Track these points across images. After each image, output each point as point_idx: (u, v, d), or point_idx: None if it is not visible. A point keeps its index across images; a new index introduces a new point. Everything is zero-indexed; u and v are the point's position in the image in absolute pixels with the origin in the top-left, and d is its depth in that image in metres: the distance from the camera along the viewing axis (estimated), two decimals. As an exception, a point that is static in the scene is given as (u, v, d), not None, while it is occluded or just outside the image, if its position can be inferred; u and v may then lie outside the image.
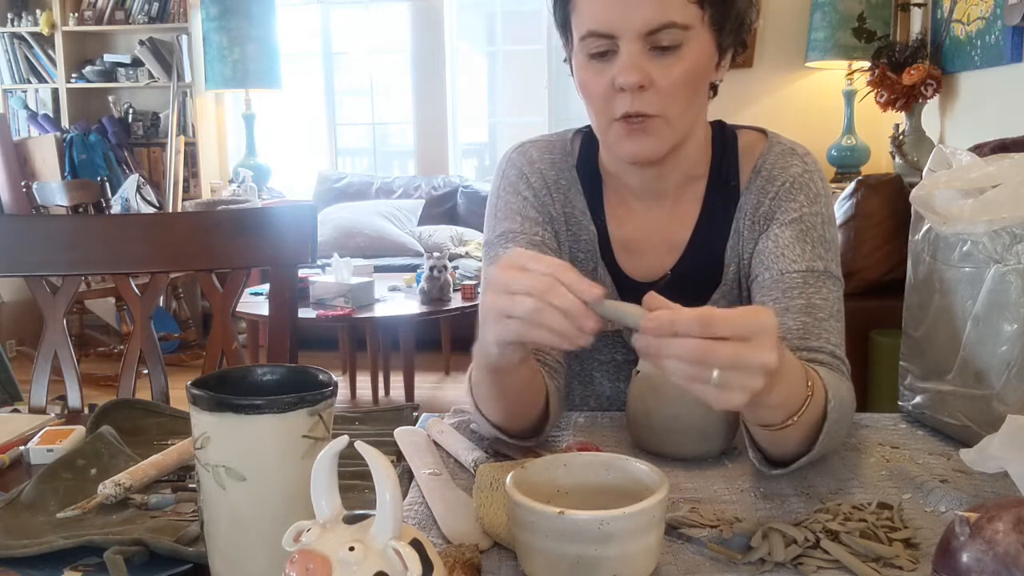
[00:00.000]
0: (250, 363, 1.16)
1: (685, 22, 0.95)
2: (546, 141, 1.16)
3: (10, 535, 0.76)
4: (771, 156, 1.09)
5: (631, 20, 0.94)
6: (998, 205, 0.89)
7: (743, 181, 1.10)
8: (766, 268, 1.04)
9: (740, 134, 1.13)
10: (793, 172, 1.07)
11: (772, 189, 1.07)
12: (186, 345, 4.75)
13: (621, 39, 0.95)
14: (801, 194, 1.06)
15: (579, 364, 1.17)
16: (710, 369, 0.67)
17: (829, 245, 1.05)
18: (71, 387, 1.31)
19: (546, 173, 1.13)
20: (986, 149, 2.34)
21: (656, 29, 0.94)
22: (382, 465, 0.52)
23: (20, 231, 1.36)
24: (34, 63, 5.37)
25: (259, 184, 5.14)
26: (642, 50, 0.95)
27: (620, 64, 0.96)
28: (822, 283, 1.02)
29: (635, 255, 1.12)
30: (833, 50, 4.31)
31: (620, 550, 0.63)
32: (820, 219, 1.05)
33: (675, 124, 1.01)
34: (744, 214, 1.09)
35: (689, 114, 1.02)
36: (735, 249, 1.10)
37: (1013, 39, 3.22)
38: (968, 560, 0.55)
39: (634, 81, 0.95)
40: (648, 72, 0.96)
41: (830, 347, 0.97)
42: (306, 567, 0.50)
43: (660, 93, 0.97)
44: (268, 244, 1.33)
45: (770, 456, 0.88)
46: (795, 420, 0.80)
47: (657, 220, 1.12)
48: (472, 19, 5.66)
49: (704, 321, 0.67)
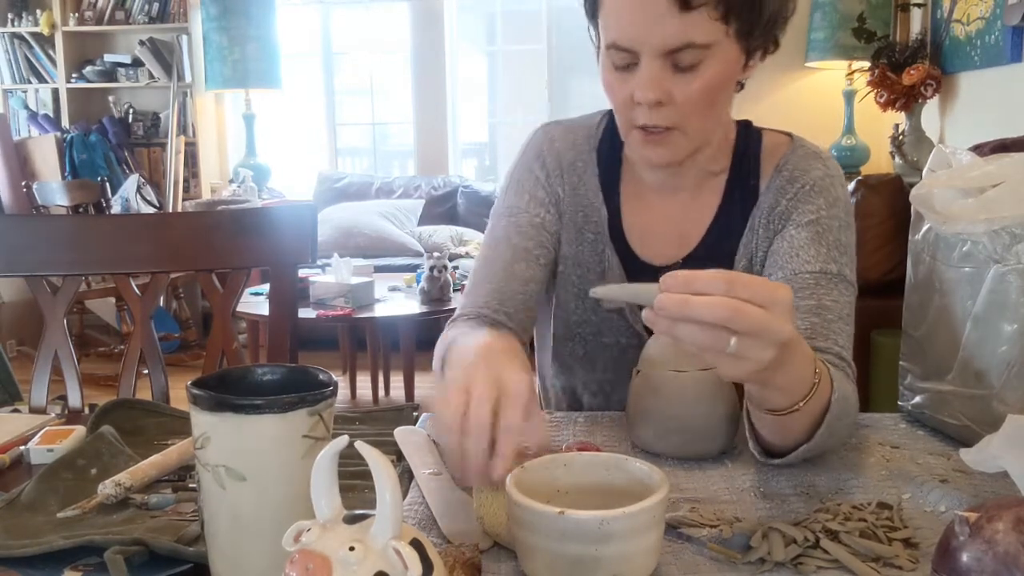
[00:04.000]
0: (250, 363, 1.16)
1: (706, 41, 0.94)
2: (571, 123, 1.19)
3: (10, 535, 0.76)
4: (794, 158, 1.10)
5: (651, 38, 0.94)
6: (998, 204, 0.89)
7: (763, 180, 1.10)
8: (779, 267, 1.05)
9: (765, 135, 1.14)
10: (815, 175, 1.08)
11: (792, 190, 1.08)
12: (186, 345, 4.75)
13: (641, 54, 0.96)
14: (820, 197, 1.07)
15: (583, 348, 1.17)
16: (728, 335, 0.67)
17: (844, 249, 1.05)
18: (71, 387, 1.31)
19: (563, 154, 1.16)
20: (986, 149, 2.34)
21: (676, 49, 0.95)
22: (382, 465, 0.52)
23: (20, 231, 1.36)
24: (34, 63, 5.36)
25: (259, 184, 5.14)
26: (662, 66, 0.96)
27: (639, 79, 0.97)
28: (834, 285, 1.02)
29: (647, 241, 1.13)
30: (833, 50, 4.31)
31: (620, 550, 0.63)
32: (838, 223, 1.06)
33: (692, 135, 1.02)
34: (761, 212, 1.09)
35: (708, 124, 1.03)
36: (748, 246, 1.10)
37: (1013, 39, 3.22)
38: (968, 560, 0.55)
39: (652, 98, 0.97)
40: (667, 88, 0.97)
41: (837, 348, 0.97)
42: (306, 567, 0.50)
43: (678, 107, 0.98)
44: (268, 244, 1.33)
45: (770, 447, 0.88)
46: (801, 406, 0.80)
47: (672, 211, 1.13)
48: (472, 19, 5.66)
49: (729, 279, 0.67)
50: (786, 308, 0.69)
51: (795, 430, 0.84)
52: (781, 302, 0.68)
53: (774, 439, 0.87)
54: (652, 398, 0.93)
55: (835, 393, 0.84)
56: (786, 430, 0.85)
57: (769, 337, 0.68)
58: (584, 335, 1.16)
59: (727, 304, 0.66)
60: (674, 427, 0.92)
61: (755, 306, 0.67)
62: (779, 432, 0.85)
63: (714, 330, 0.67)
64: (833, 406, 0.84)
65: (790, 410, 0.80)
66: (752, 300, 0.67)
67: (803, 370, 0.79)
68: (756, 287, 0.67)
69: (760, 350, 0.68)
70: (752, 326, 0.67)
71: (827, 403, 0.84)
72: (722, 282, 0.67)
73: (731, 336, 0.67)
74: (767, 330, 0.67)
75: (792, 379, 0.78)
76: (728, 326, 0.66)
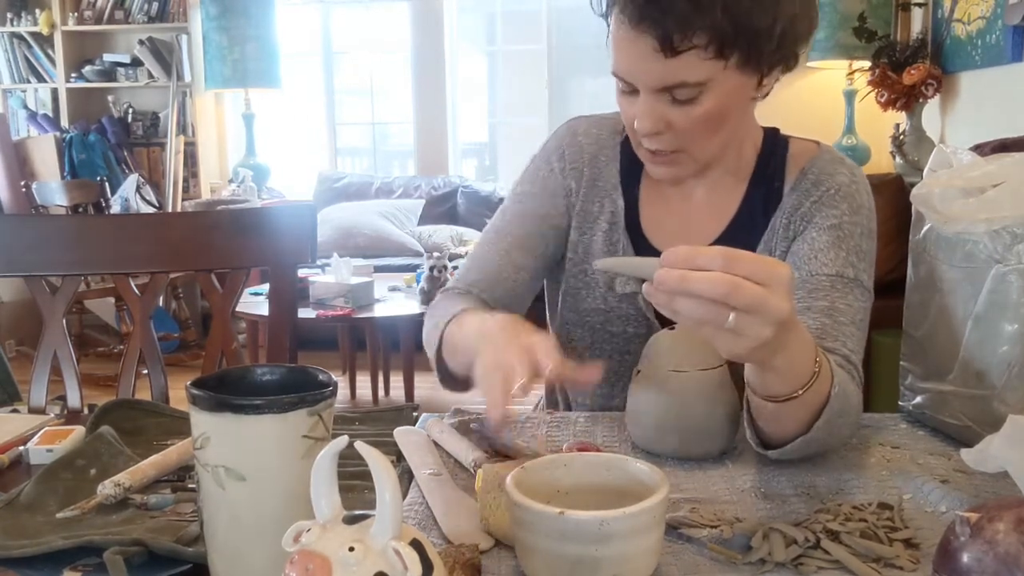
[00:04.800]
0: (250, 363, 1.16)
1: (700, 79, 0.94)
2: (599, 117, 1.21)
3: (9, 535, 0.76)
4: (820, 162, 1.10)
5: (643, 76, 0.97)
6: (999, 204, 0.89)
7: (788, 183, 1.11)
8: (797, 268, 1.05)
9: (792, 142, 1.14)
10: (840, 180, 1.08)
11: (816, 193, 1.08)
12: (186, 345, 4.75)
13: (639, 87, 0.98)
14: (844, 203, 1.07)
15: (590, 336, 1.18)
16: (727, 310, 0.67)
17: (864, 256, 1.05)
18: (70, 387, 1.31)
19: (586, 147, 1.18)
20: (987, 149, 2.34)
21: (669, 87, 0.96)
22: (382, 465, 0.52)
23: (19, 231, 1.36)
24: (33, 63, 5.36)
25: (259, 184, 5.14)
26: (659, 99, 0.98)
27: (638, 109, 0.99)
28: (849, 290, 1.02)
29: (664, 235, 1.14)
30: (834, 50, 4.30)
31: (620, 550, 0.63)
32: (859, 229, 1.06)
33: (698, 156, 1.04)
34: (783, 213, 1.10)
35: (713, 144, 1.04)
36: (767, 244, 1.11)
37: (1014, 39, 3.22)
38: (968, 560, 0.55)
39: (648, 128, 0.99)
40: (666, 117, 0.99)
41: (845, 351, 0.97)
42: (306, 567, 0.50)
43: (678, 134, 1.00)
44: (268, 244, 1.33)
45: (768, 438, 0.88)
46: (800, 394, 0.80)
47: (691, 208, 1.14)
48: (472, 19, 5.66)
49: (728, 255, 0.67)
50: (785, 286, 0.69)
51: (793, 420, 0.85)
52: (780, 279, 0.69)
53: (771, 429, 0.87)
54: (652, 398, 0.93)
55: (835, 388, 0.84)
56: (784, 420, 0.85)
57: (767, 314, 0.68)
58: (593, 323, 1.17)
59: (725, 280, 0.67)
60: (674, 427, 0.92)
61: (753, 283, 0.67)
62: (776, 422, 0.86)
63: (713, 305, 0.68)
64: (832, 401, 0.84)
65: (788, 397, 0.81)
66: (751, 277, 0.67)
67: (802, 356, 0.79)
68: (755, 264, 0.68)
69: (759, 327, 0.69)
70: (750, 302, 0.67)
71: (826, 397, 0.84)
72: (721, 258, 0.67)
73: (729, 311, 0.67)
74: (765, 306, 0.68)
75: (791, 363, 0.78)
76: (726, 302, 0.67)
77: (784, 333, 0.71)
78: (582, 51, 5.32)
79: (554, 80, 5.39)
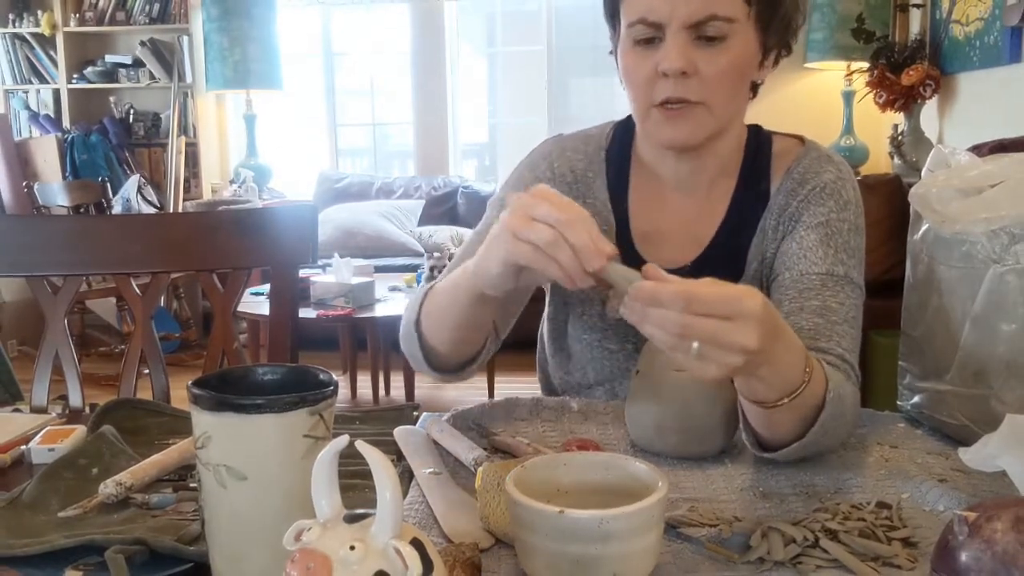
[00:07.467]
0: (251, 363, 1.17)
1: (729, 15, 0.98)
2: (584, 134, 1.20)
3: (11, 534, 0.76)
4: (806, 161, 1.10)
5: (677, 11, 0.98)
6: (997, 204, 0.89)
7: (774, 183, 1.11)
8: (787, 268, 1.05)
9: (775, 139, 1.14)
10: (826, 178, 1.08)
11: (802, 192, 1.08)
12: (187, 345, 4.75)
13: (668, 28, 0.99)
14: (831, 200, 1.07)
15: (589, 352, 1.17)
16: (689, 340, 0.70)
17: (853, 252, 1.05)
18: (72, 387, 1.31)
19: (575, 164, 1.16)
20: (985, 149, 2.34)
21: (702, 21, 0.97)
22: (382, 464, 0.52)
23: (21, 231, 1.36)
24: (35, 64, 5.37)
25: (260, 184, 5.14)
26: (688, 39, 0.99)
27: (665, 51, 0.99)
28: (840, 288, 1.02)
29: (657, 245, 1.13)
30: (832, 51, 4.31)
31: (620, 549, 0.63)
32: (847, 226, 1.06)
33: (716, 113, 1.03)
34: (771, 214, 1.10)
35: (731, 106, 1.05)
36: (759, 247, 1.10)
37: (1012, 40, 3.22)
38: (967, 559, 0.55)
39: (678, 67, 0.99)
40: (693, 60, 0.99)
41: (840, 350, 0.97)
42: (307, 566, 0.50)
43: (704, 81, 1.00)
44: (269, 244, 1.33)
45: (763, 439, 0.89)
46: (787, 402, 0.81)
47: (684, 213, 1.13)
48: (472, 20, 5.66)
49: (686, 297, 0.70)
50: (753, 318, 0.71)
51: (785, 425, 0.85)
52: (745, 312, 0.71)
53: (762, 431, 0.88)
54: (652, 398, 0.93)
55: (830, 393, 0.84)
56: (773, 424, 0.85)
57: (729, 346, 0.70)
58: (591, 341, 1.15)
59: (677, 321, 0.70)
60: (674, 427, 0.92)
61: (716, 318, 0.70)
62: (766, 425, 0.86)
63: (675, 336, 0.70)
64: (828, 405, 0.84)
65: (776, 404, 0.81)
66: (712, 313, 0.70)
67: (789, 365, 0.80)
68: (718, 301, 0.70)
69: (723, 356, 0.71)
70: (709, 337, 0.70)
71: (821, 402, 0.84)
72: (682, 299, 0.70)
73: (693, 341, 0.70)
74: (724, 341, 0.70)
75: (776, 372, 0.79)
76: (684, 335, 0.70)
77: (760, 354, 0.72)
78: (582, 51, 5.32)
79: (554, 81, 5.39)
